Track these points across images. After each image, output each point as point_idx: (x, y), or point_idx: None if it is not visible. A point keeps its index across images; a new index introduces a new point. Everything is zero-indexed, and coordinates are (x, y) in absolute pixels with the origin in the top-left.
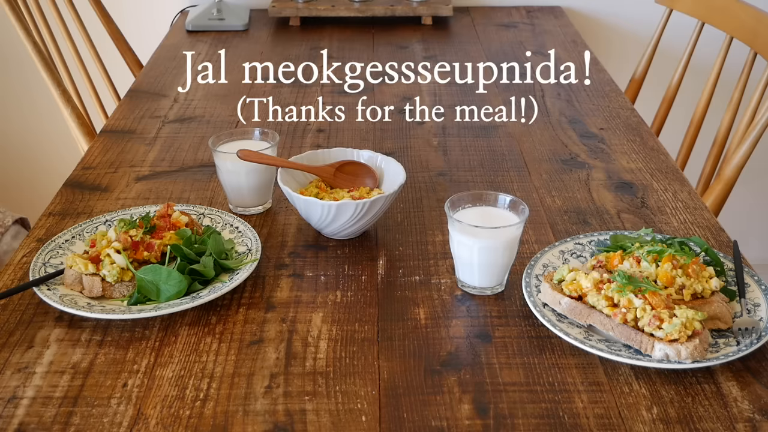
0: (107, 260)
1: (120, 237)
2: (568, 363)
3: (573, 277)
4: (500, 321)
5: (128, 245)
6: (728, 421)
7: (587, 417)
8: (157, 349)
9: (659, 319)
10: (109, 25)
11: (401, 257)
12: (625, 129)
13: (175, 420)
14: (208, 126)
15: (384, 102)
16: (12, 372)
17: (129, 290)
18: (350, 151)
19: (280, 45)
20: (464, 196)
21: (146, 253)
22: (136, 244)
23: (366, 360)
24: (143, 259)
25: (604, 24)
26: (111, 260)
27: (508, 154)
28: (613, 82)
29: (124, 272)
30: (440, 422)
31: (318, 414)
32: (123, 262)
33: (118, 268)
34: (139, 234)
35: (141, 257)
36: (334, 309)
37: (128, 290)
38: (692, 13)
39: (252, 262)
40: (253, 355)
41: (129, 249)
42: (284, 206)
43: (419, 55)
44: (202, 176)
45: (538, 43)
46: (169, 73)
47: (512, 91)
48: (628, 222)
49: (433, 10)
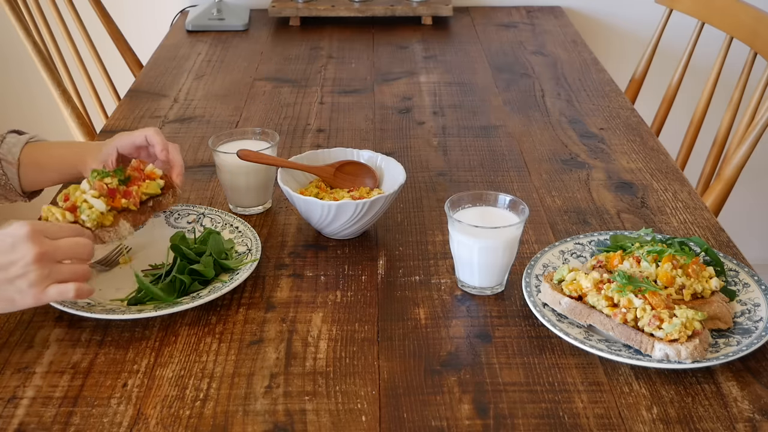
0: (85, 206)
1: (95, 185)
2: (568, 363)
3: (573, 277)
4: (500, 321)
5: (104, 192)
6: (728, 421)
7: (587, 417)
8: (157, 349)
9: (659, 319)
10: (109, 25)
11: (401, 257)
12: (625, 129)
13: (175, 420)
14: (208, 126)
15: (384, 102)
16: (12, 372)
17: (110, 236)
18: (350, 151)
19: (280, 45)
20: (464, 196)
21: (124, 200)
22: (113, 192)
23: (366, 360)
24: (122, 207)
25: (604, 24)
26: (89, 205)
27: (508, 154)
28: (613, 82)
29: (104, 217)
30: (440, 422)
31: (318, 414)
32: (101, 206)
33: (97, 212)
34: (114, 182)
35: (119, 205)
36: (334, 309)
37: (109, 236)
38: (692, 13)
39: (252, 262)
40: (253, 355)
41: (106, 196)
42: (284, 206)
43: (419, 55)
44: (202, 176)
45: (538, 43)
46: (169, 73)
47: (512, 91)
48: (628, 222)
49: (433, 10)
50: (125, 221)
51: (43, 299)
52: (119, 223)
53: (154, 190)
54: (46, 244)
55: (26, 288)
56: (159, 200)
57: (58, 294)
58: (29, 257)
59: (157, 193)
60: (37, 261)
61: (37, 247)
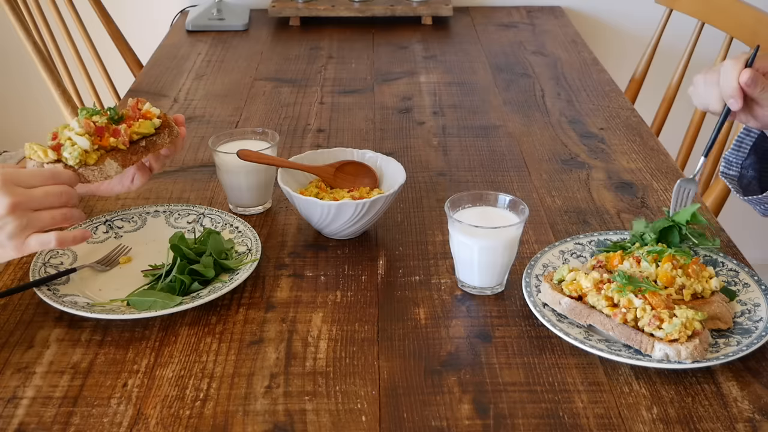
0: (68, 143)
1: (82, 123)
2: (568, 363)
3: (573, 277)
4: (500, 321)
5: (92, 130)
6: (728, 421)
7: (587, 417)
8: (157, 349)
9: (659, 319)
10: (109, 25)
11: (401, 257)
12: (625, 129)
13: (175, 420)
14: (208, 126)
15: (384, 102)
16: (12, 372)
17: (94, 175)
18: (350, 151)
19: (280, 45)
20: (464, 196)
21: (113, 139)
22: (101, 130)
23: (366, 360)
24: (110, 147)
25: (604, 24)
26: (72, 143)
27: (508, 154)
28: (613, 82)
29: (87, 155)
30: (440, 422)
31: (318, 414)
32: (85, 143)
33: (80, 150)
34: (102, 120)
35: (107, 144)
36: (334, 309)
37: (93, 176)
38: (692, 13)
39: (252, 262)
40: (253, 355)
41: (93, 135)
42: (284, 206)
43: (419, 55)
44: (202, 176)
45: (538, 43)
46: (169, 73)
47: (512, 91)
48: (628, 222)
49: (433, 10)
50: (113, 161)
51: (25, 250)
52: (105, 162)
53: (148, 130)
54: (19, 193)
55: (5, 240)
56: (153, 140)
57: (40, 244)
58: (2, 209)
59: (150, 132)
60: (11, 212)
61: (9, 198)
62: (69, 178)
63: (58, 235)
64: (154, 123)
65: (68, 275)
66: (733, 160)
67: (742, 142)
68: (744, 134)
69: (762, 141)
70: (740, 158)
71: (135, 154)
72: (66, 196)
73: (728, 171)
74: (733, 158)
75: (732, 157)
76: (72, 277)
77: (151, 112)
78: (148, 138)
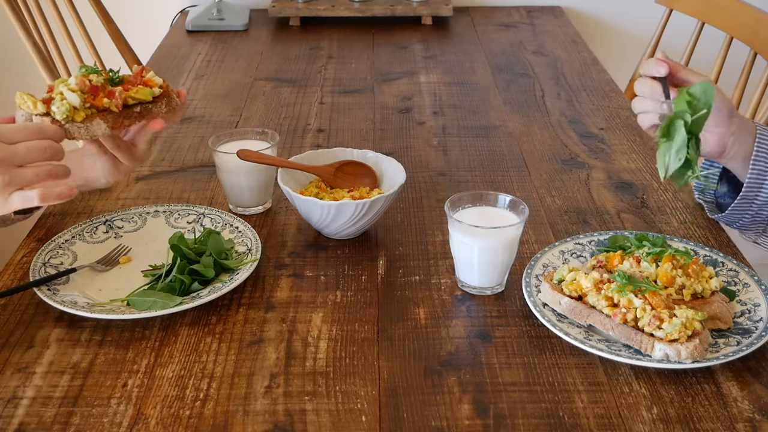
0: (58, 97)
1: (78, 79)
2: (568, 363)
3: (573, 277)
4: (500, 321)
5: (86, 88)
6: (728, 421)
7: (587, 417)
8: (157, 349)
9: (659, 319)
10: (109, 25)
11: (401, 257)
12: (625, 129)
13: (175, 420)
14: (208, 126)
15: (384, 102)
16: (12, 372)
17: (80, 133)
18: (350, 151)
19: (280, 45)
20: (464, 196)
21: (106, 100)
22: (95, 89)
23: (366, 360)
24: (103, 107)
25: (604, 24)
26: (62, 97)
27: (508, 154)
28: (613, 82)
29: (76, 112)
30: (440, 422)
31: (318, 414)
32: (75, 100)
33: (68, 105)
34: (99, 79)
35: (100, 104)
36: (334, 309)
37: (79, 133)
38: (692, 13)
39: (252, 262)
40: (253, 355)
41: (87, 93)
42: (284, 206)
43: (419, 55)
44: (202, 176)
45: (538, 43)
46: (169, 73)
47: (512, 91)
48: (628, 222)
49: (433, 10)
50: (102, 121)
51: (8, 207)
52: (93, 122)
53: (145, 96)
54: (1, 148)
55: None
56: (149, 107)
57: (22, 201)
58: None
59: (147, 99)
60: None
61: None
62: (54, 133)
63: (41, 192)
64: (153, 92)
65: (68, 275)
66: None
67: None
68: (707, 166)
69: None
70: (710, 189)
71: (128, 119)
72: (50, 151)
73: (703, 197)
74: (702, 187)
75: (702, 186)
76: (72, 277)
77: (153, 80)
78: (144, 104)
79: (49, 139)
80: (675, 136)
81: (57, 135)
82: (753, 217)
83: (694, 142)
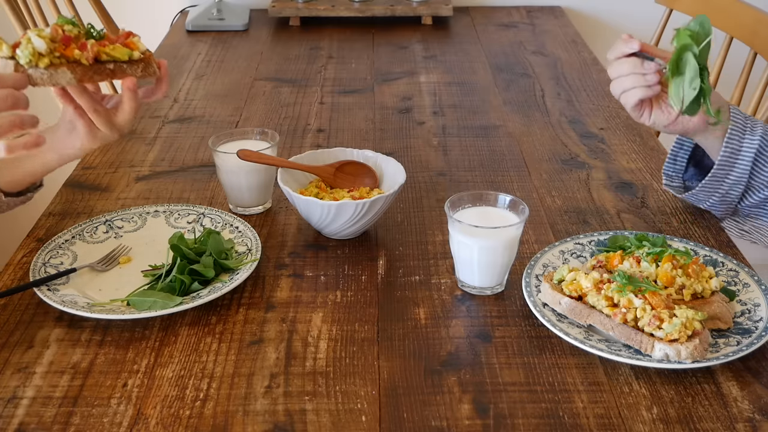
0: (25, 41)
1: (52, 27)
2: (568, 363)
3: (573, 277)
4: (500, 321)
5: (57, 37)
6: (728, 421)
7: (587, 417)
8: (157, 349)
9: (659, 319)
10: (109, 24)
11: (401, 257)
12: (625, 129)
13: (175, 420)
14: (208, 126)
15: (384, 102)
16: (12, 372)
17: (42, 79)
18: (350, 151)
19: (280, 45)
20: (464, 196)
21: (77, 51)
22: (68, 39)
23: (366, 360)
24: (73, 59)
25: (604, 24)
26: (29, 41)
27: (508, 154)
28: None
29: (41, 58)
30: (440, 422)
31: (318, 414)
32: (41, 45)
33: (32, 49)
34: (74, 30)
35: (71, 55)
36: (334, 309)
37: (41, 79)
38: (692, 13)
39: (252, 262)
40: (253, 355)
41: (58, 42)
42: (284, 206)
43: (419, 55)
44: (202, 176)
45: (538, 43)
46: (169, 73)
47: (512, 91)
48: (628, 222)
49: (433, 10)
50: (68, 71)
51: None
52: (59, 69)
53: (120, 55)
54: None
55: None
56: (122, 67)
57: None
58: None
59: (122, 59)
60: None
61: None
62: (15, 80)
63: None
64: (132, 54)
65: (68, 275)
66: (673, 173)
67: (676, 156)
68: (677, 147)
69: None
70: (678, 171)
71: (98, 74)
72: (12, 99)
73: (671, 183)
74: (671, 171)
75: (670, 171)
76: (72, 277)
77: (135, 44)
78: (119, 64)
79: (8, 87)
80: (686, 68)
81: (17, 82)
82: (722, 197)
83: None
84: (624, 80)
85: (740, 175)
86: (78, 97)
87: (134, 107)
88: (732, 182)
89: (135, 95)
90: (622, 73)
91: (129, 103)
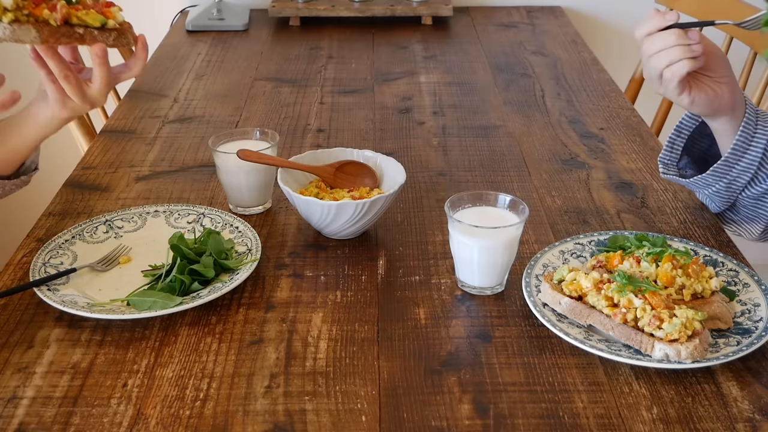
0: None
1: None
2: (568, 363)
3: (573, 277)
4: (500, 321)
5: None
6: (728, 421)
7: (587, 417)
8: (157, 349)
9: (659, 319)
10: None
11: (401, 257)
12: (625, 129)
13: (175, 420)
14: (208, 126)
15: (384, 102)
16: (12, 372)
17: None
18: (350, 151)
19: (280, 45)
20: (464, 196)
21: (47, 11)
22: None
23: (366, 360)
24: (42, 18)
25: (604, 24)
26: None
27: (508, 154)
28: (613, 82)
29: (5, 12)
30: (440, 422)
31: (318, 414)
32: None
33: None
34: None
35: (39, 14)
36: (334, 309)
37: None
38: (692, 13)
39: (252, 262)
40: (253, 355)
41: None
42: (284, 206)
43: (419, 55)
44: (202, 176)
45: (538, 43)
46: (169, 73)
47: (512, 91)
48: (628, 222)
49: (433, 10)
50: (33, 29)
51: None
52: (23, 26)
53: (92, 21)
54: None
55: None
56: (93, 33)
57: None
58: None
59: (94, 25)
60: None
61: None
62: None
63: None
64: (107, 22)
65: (68, 275)
66: (668, 162)
67: (674, 143)
68: (675, 135)
69: (693, 142)
70: (674, 159)
71: (66, 37)
72: None
73: (667, 172)
74: (667, 159)
75: (666, 159)
76: (72, 277)
77: (112, 13)
78: (89, 29)
79: None
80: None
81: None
82: (729, 184)
83: None
84: (670, 52)
85: (750, 161)
86: (48, 60)
87: (105, 77)
88: (741, 169)
89: (105, 62)
90: (666, 44)
91: (98, 70)
